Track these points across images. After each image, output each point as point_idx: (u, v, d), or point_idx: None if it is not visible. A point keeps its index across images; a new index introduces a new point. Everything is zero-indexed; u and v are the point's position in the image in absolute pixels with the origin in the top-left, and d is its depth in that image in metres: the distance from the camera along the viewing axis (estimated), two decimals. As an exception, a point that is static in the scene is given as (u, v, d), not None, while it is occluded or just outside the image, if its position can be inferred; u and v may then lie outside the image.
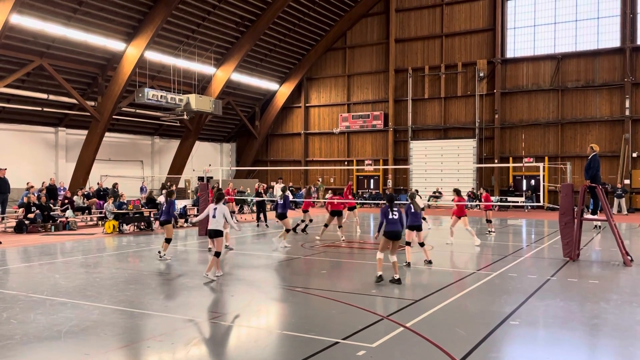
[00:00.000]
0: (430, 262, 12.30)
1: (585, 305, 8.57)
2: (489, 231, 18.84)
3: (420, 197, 21.70)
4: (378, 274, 10.25)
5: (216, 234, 10.93)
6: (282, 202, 15.70)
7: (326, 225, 17.61)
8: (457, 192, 16.87)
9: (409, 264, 12.11)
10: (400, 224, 10.37)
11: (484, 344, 6.63)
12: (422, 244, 12.63)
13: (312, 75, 40.72)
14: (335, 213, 17.51)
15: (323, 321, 7.70)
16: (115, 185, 25.00)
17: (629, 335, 7.07)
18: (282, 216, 15.49)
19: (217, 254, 10.85)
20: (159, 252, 13.13)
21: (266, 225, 21.94)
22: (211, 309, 8.63)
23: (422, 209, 20.65)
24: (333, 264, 12.84)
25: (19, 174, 25.29)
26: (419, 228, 12.46)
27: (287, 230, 15.33)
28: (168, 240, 13.07)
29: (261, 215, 22.53)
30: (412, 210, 12.24)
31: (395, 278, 10.14)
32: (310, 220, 19.59)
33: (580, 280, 10.71)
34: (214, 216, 10.91)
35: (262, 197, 23.44)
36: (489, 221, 19.16)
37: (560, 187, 13.90)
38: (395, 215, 10.25)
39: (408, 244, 12.50)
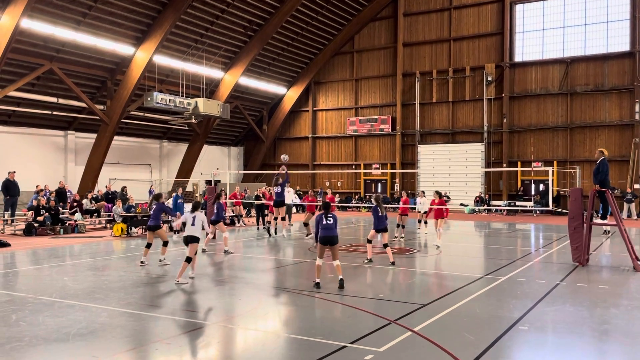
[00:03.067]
0: (393, 263, 12.62)
1: (595, 310, 8.51)
2: (400, 237, 18.01)
3: (425, 197, 21.50)
4: (316, 280, 10.19)
5: (192, 239, 11.10)
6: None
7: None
8: (439, 194, 16.70)
9: (370, 260, 12.96)
10: (335, 230, 10.33)
11: (493, 349, 6.59)
12: (385, 245, 12.99)
13: (320, 79, 40.78)
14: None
15: (330, 325, 7.68)
16: (124, 188, 25.10)
17: (639, 341, 7.01)
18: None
19: (188, 260, 10.91)
20: (160, 259, 13.11)
21: (265, 227, 21.85)
22: (219, 312, 8.64)
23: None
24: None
25: (28, 177, 25.45)
26: (384, 230, 12.87)
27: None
28: (165, 244, 13.17)
29: (261, 219, 22.72)
30: (380, 214, 12.66)
31: (339, 278, 10.10)
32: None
33: (590, 285, 10.63)
34: (192, 224, 11.22)
35: (261, 200, 23.54)
36: (402, 226, 18.18)
37: (570, 191, 13.82)
38: (330, 220, 10.28)
39: (369, 241, 13.13)
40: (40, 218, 19.56)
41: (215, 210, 15.66)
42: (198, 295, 9.71)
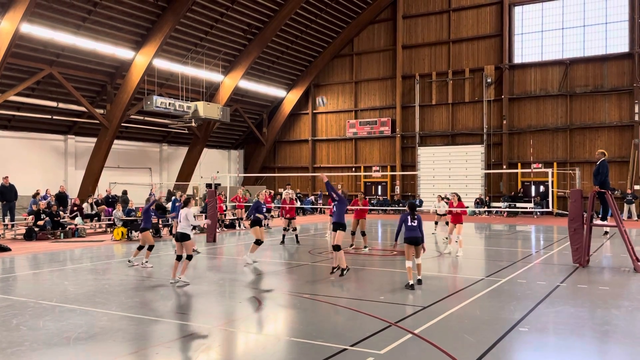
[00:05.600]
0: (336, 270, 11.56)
1: (596, 311, 8.51)
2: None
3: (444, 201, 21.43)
4: (409, 282, 10.35)
5: (183, 237, 10.91)
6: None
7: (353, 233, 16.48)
8: (458, 196, 16.05)
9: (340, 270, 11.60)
10: (420, 230, 10.52)
11: (493, 350, 6.59)
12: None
13: (320, 82, 40.81)
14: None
15: (331, 328, 7.68)
16: (125, 192, 25.10)
17: (640, 342, 7.01)
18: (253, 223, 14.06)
19: (189, 257, 10.94)
20: (143, 262, 13.12)
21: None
22: (219, 316, 8.64)
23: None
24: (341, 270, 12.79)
25: (28, 182, 25.46)
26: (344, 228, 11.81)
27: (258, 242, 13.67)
28: (149, 248, 13.08)
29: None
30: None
31: (418, 278, 10.69)
32: (294, 229, 18.62)
33: (590, 286, 10.63)
34: (180, 220, 11.06)
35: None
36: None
37: (570, 192, 13.81)
38: (415, 222, 10.54)
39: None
40: (40, 222, 19.56)
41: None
42: (198, 299, 9.71)
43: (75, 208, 22.53)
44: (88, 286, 10.67)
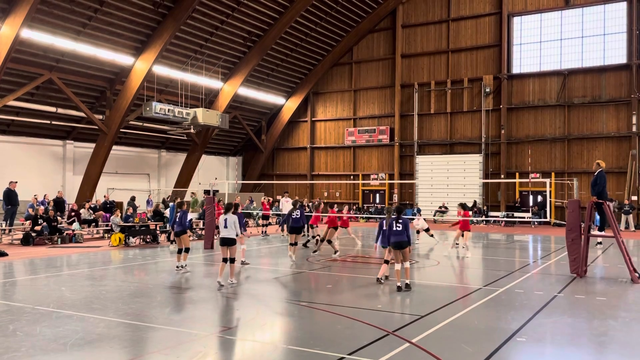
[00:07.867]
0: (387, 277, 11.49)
1: (593, 322, 8.51)
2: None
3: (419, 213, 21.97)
4: (398, 284, 10.83)
5: (229, 242, 11.47)
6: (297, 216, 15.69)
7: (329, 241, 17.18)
8: (463, 206, 17.35)
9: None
10: (406, 235, 10.84)
11: (491, 360, 6.59)
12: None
13: (319, 89, 40.92)
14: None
15: (328, 336, 7.67)
16: (133, 198, 25.19)
17: (637, 353, 7.01)
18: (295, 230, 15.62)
19: (232, 260, 11.56)
20: (182, 266, 13.47)
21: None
22: (216, 323, 8.63)
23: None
24: (338, 278, 12.81)
25: (27, 187, 25.39)
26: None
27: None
28: (187, 250, 13.55)
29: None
30: (383, 227, 11.52)
31: (404, 283, 10.88)
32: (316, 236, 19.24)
33: (588, 297, 10.64)
34: (225, 226, 11.52)
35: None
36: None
37: (567, 203, 13.86)
38: (400, 227, 10.82)
39: (387, 262, 11.94)
40: (37, 228, 19.52)
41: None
42: (196, 306, 9.69)
43: (72, 213, 22.50)
44: (85, 292, 10.65)
